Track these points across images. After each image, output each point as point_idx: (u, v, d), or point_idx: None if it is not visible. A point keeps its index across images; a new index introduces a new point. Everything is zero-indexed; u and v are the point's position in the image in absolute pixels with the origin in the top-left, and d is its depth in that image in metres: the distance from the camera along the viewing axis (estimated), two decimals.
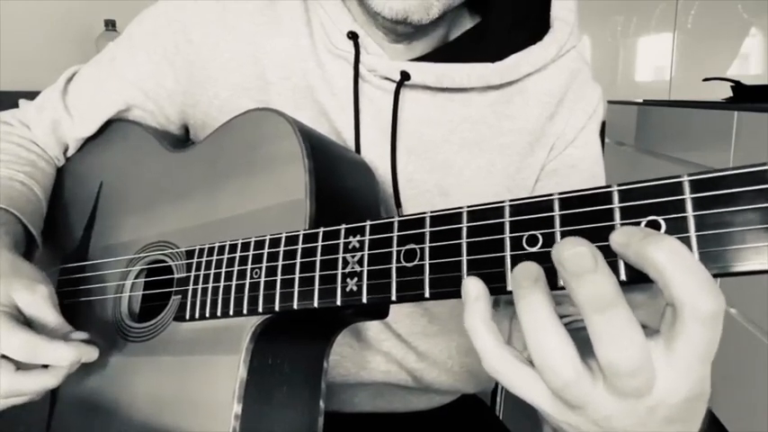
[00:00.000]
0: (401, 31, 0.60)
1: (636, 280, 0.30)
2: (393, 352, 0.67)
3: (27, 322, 0.53)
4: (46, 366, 0.52)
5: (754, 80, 2.46)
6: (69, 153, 0.75)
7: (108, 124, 0.71)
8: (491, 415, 0.84)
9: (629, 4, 2.81)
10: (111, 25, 2.19)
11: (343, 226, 0.43)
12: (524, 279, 0.32)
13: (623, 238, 0.30)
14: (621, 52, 2.87)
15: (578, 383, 0.31)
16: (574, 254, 0.29)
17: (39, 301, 0.53)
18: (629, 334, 0.29)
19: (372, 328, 0.66)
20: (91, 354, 0.53)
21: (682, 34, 2.80)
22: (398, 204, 0.62)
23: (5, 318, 0.50)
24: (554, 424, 0.35)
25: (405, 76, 0.61)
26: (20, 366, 0.50)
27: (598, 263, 0.29)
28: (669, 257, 0.28)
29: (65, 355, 0.51)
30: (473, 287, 0.34)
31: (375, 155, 0.62)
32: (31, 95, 0.76)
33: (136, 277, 0.61)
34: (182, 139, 0.72)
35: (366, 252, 0.41)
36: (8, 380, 0.49)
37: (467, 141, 0.64)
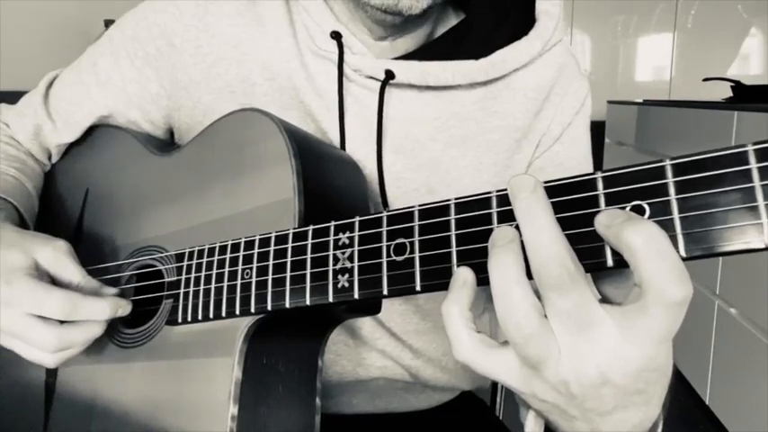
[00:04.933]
0: (389, 22, 0.59)
1: (621, 264, 0.31)
2: (388, 349, 0.67)
3: (53, 282, 0.53)
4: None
5: (754, 80, 2.46)
6: (53, 160, 0.74)
7: (92, 130, 0.71)
8: (491, 415, 0.84)
9: (629, 4, 2.82)
10: (110, 25, 2.19)
11: (333, 223, 0.43)
12: (500, 239, 0.33)
13: (607, 219, 0.31)
14: (621, 52, 2.87)
15: (539, 335, 0.32)
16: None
17: (60, 256, 0.53)
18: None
19: (366, 326, 0.65)
20: (125, 307, 0.54)
21: (682, 34, 2.80)
22: (385, 204, 0.62)
23: (34, 279, 0.50)
24: (526, 400, 0.37)
25: (389, 74, 0.60)
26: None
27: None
28: (645, 241, 0.29)
29: (102, 308, 0.52)
30: (461, 275, 0.35)
31: (361, 154, 0.62)
32: None
33: (126, 283, 0.60)
34: (167, 143, 0.71)
35: (356, 248, 0.41)
36: (56, 334, 0.50)
37: (454, 139, 0.64)
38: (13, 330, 0.50)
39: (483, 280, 0.35)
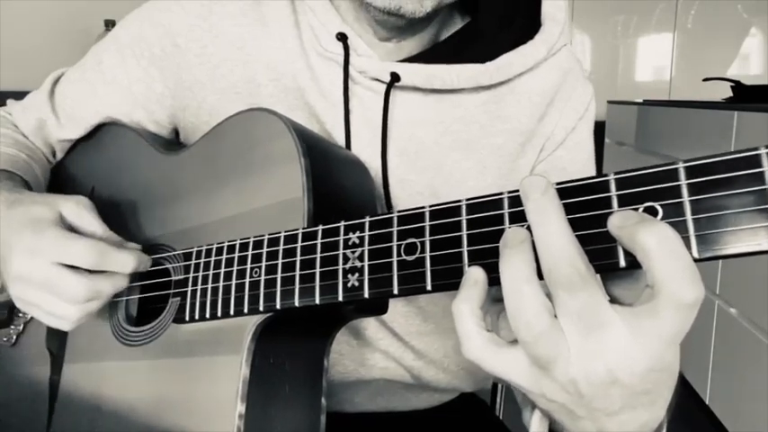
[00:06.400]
0: (392, 24, 0.59)
1: (634, 265, 0.31)
2: (391, 350, 0.67)
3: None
4: None
5: (754, 80, 2.46)
6: (57, 156, 0.74)
7: (97, 128, 0.71)
8: (491, 415, 0.84)
9: (629, 4, 2.82)
10: (111, 25, 2.19)
11: (343, 223, 0.43)
12: (511, 239, 0.34)
13: (620, 220, 0.31)
14: (621, 52, 2.87)
15: (549, 334, 0.32)
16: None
17: (83, 211, 0.54)
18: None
19: (369, 326, 0.66)
20: (147, 262, 0.55)
21: (682, 34, 2.80)
22: (389, 206, 0.62)
23: (62, 229, 0.51)
24: (533, 399, 0.37)
25: (395, 77, 0.60)
26: None
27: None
28: (658, 242, 0.29)
29: (127, 260, 0.52)
30: (473, 274, 0.36)
31: (366, 156, 0.62)
32: None
33: (132, 281, 0.60)
34: (173, 142, 0.71)
35: (366, 247, 0.41)
36: (85, 282, 0.50)
37: (458, 142, 0.64)
38: (41, 279, 0.50)
39: (493, 280, 0.35)
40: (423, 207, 0.39)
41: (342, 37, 0.61)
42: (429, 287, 0.38)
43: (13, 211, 0.53)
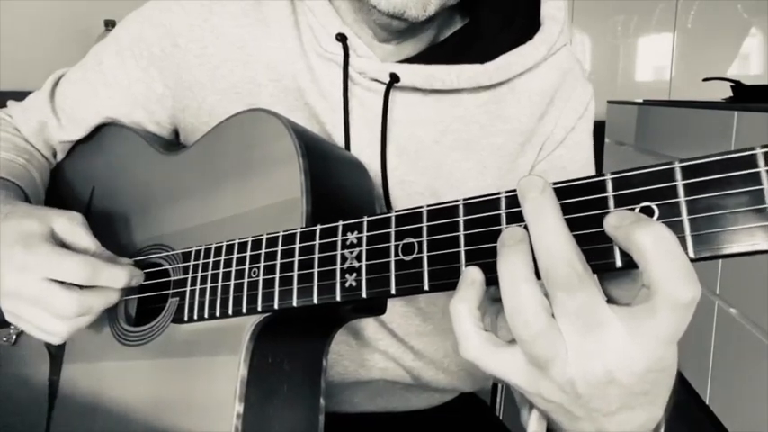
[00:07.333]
0: (394, 27, 0.59)
1: (630, 265, 0.31)
2: (390, 351, 0.67)
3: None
4: None
5: (754, 80, 2.46)
6: (58, 158, 0.74)
7: (98, 128, 0.71)
8: (491, 414, 0.84)
9: (629, 4, 2.82)
10: (111, 25, 2.19)
11: (341, 222, 0.43)
12: (509, 239, 0.34)
13: (616, 220, 0.31)
14: (621, 52, 2.87)
15: (547, 333, 0.32)
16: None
17: (76, 226, 0.54)
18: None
19: (369, 327, 0.66)
20: (140, 277, 0.55)
21: (682, 34, 2.80)
22: (389, 206, 0.62)
23: (53, 245, 0.51)
24: (531, 399, 0.37)
25: (394, 78, 0.60)
26: None
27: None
28: (654, 242, 0.29)
29: (119, 275, 0.52)
30: (470, 274, 0.36)
31: (365, 157, 0.62)
32: None
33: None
34: (173, 143, 0.71)
35: (364, 247, 0.41)
36: (76, 297, 0.50)
37: (458, 142, 0.64)
38: (31, 295, 0.50)
39: (491, 280, 0.35)
40: (420, 207, 0.39)
41: (341, 38, 0.61)
42: (426, 287, 0.38)
43: (5, 224, 0.52)
